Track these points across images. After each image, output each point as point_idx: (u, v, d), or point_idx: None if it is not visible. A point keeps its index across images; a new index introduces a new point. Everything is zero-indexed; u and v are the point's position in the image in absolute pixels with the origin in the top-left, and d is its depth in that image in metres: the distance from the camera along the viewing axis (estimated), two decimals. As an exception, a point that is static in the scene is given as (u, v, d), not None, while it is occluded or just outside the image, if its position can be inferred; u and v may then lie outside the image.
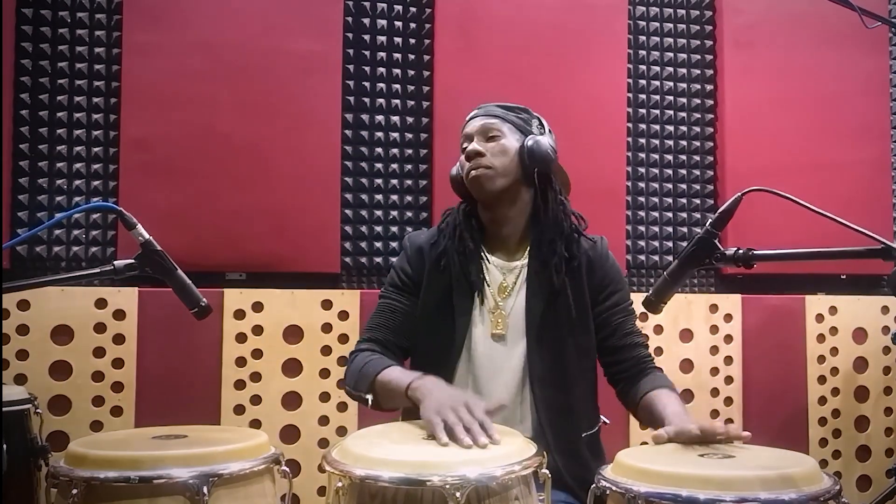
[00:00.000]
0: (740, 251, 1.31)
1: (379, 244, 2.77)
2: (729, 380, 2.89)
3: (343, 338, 2.58)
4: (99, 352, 2.41)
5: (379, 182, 2.79)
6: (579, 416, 1.66)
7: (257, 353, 2.52)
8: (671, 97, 3.06)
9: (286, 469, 1.42)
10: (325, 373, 2.57)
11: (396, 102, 2.81)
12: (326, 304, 2.59)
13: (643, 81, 3.03)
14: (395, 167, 2.80)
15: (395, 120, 2.81)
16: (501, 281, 1.68)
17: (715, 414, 2.86)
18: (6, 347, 2.31)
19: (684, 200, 3.05)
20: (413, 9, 2.85)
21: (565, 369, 1.64)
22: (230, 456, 1.32)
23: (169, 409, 2.41)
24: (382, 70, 2.81)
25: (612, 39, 2.94)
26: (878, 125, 3.14)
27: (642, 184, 3.01)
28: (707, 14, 3.10)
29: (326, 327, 2.58)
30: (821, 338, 2.97)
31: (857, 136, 3.09)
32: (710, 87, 3.09)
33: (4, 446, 1.62)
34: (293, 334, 2.56)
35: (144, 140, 2.52)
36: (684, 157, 3.06)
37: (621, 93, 2.95)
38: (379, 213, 2.78)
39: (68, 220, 2.53)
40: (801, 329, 2.96)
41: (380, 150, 2.79)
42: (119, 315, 2.43)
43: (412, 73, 2.83)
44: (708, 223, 1.34)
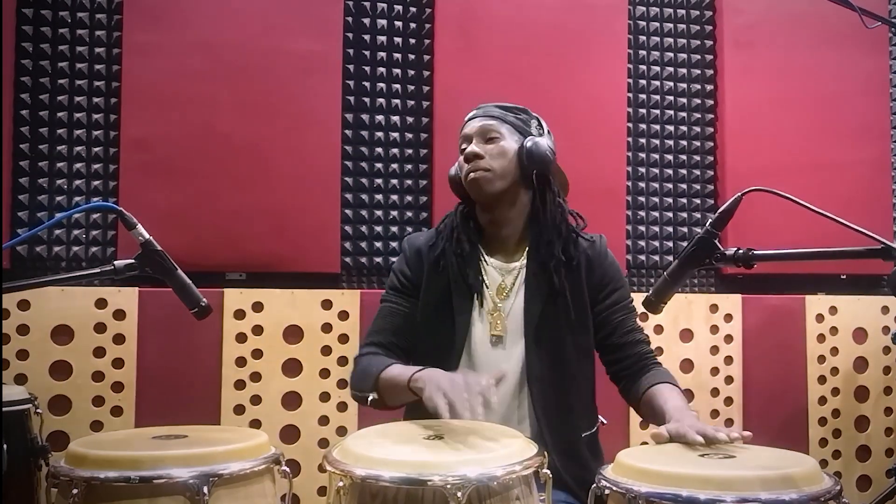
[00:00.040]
0: (740, 251, 1.32)
1: (379, 244, 2.77)
2: (729, 380, 2.89)
3: (343, 338, 2.58)
4: (99, 352, 2.41)
5: (379, 182, 2.79)
6: (578, 417, 1.66)
7: (257, 353, 2.52)
8: (671, 97, 3.06)
9: (286, 469, 1.42)
10: (325, 373, 2.57)
11: (396, 102, 2.81)
12: (326, 304, 2.59)
13: (643, 81, 3.03)
14: (395, 167, 2.80)
15: (395, 120, 2.81)
16: (500, 282, 1.68)
17: (715, 414, 2.86)
18: (6, 347, 2.31)
19: (684, 200, 3.05)
20: (413, 9, 2.84)
21: (564, 370, 1.64)
22: (230, 456, 1.32)
23: (169, 409, 2.41)
24: (382, 70, 2.81)
25: (612, 39, 2.94)
26: (878, 125, 3.14)
27: (642, 184, 3.01)
28: (707, 14, 3.10)
29: (326, 327, 2.58)
30: (821, 338, 2.97)
31: (857, 136, 3.09)
32: (710, 87, 3.09)
33: (4, 446, 1.62)
34: (293, 334, 2.56)
35: (144, 140, 2.52)
36: (684, 157, 3.06)
37: (621, 93, 2.95)
38: (379, 213, 2.78)
39: (68, 220, 2.53)
40: (801, 329, 2.96)
41: (380, 150, 2.79)
42: (119, 315, 2.43)
43: (412, 73, 2.83)
44: (708, 223, 1.34)
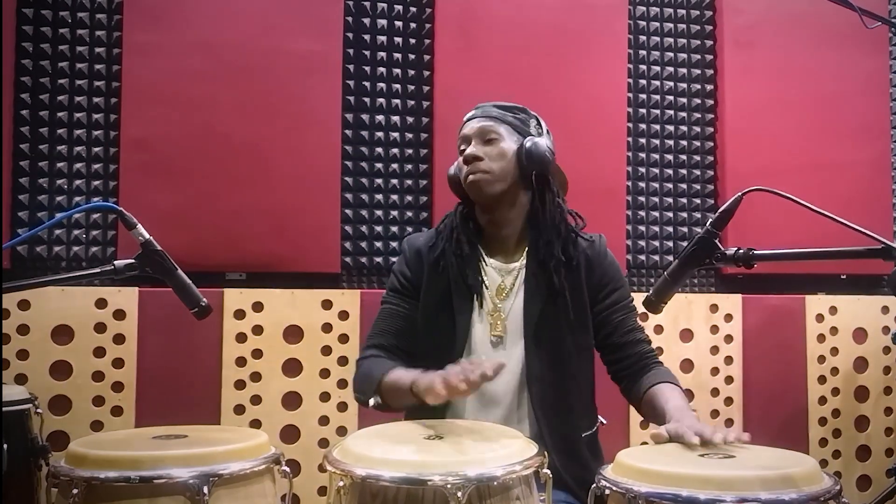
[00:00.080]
0: (740, 251, 1.32)
1: (379, 244, 2.77)
2: (729, 380, 2.89)
3: (343, 338, 2.58)
4: (99, 352, 2.41)
5: (379, 182, 2.79)
6: (578, 417, 1.66)
7: (257, 353, 2.52)
8: (671, 97, 3.05)
9: (286, 469, 1.43)
10: (325, 373, 2.57)
11: (396, 102, 2.81)
12: (326, 304, 2.59)
13: (643, 81, 3.03)
14: (395, 167, 2.80)
15: (395, 120, 2.81)
16: (500, 283, 1.68)
17: (715, 414, 2.86)
18: (6, 347, 2.31)
19: (684, 200, 3.05)
20: (413, 9, 2.84)
21: (564, 370, 1.64)
22: (230, 456, 1.33)
23: (169, 409, 2.41)
24: (382, 70, 2.81)
25: (612, 39, 2.94)
26: (878, 125, 3.14)
27: (642, 184, 3.01)
28: (707, 14, 3.10)
29: (326, 327, 2.58)
30: (821, 338, 2.97)
31: (857, 136, 3.09)
32: (710, 87, 3.09)
33: (5, 446, 1.62)
34: (293, 334, 2.56)
35: (144, 140, 2.52)
36: (684, 157, 3.06)
37: (621, 93, 2.95)
38: (379, 213, 2.78)
39: (68, 220, 2.53)
40: (801, 329, 2.96)
41: (380, 150, 2.79)
42: (119, 315, 2.43)
43: (412, 73, 2.83)
44: (708, 223, 1.35)
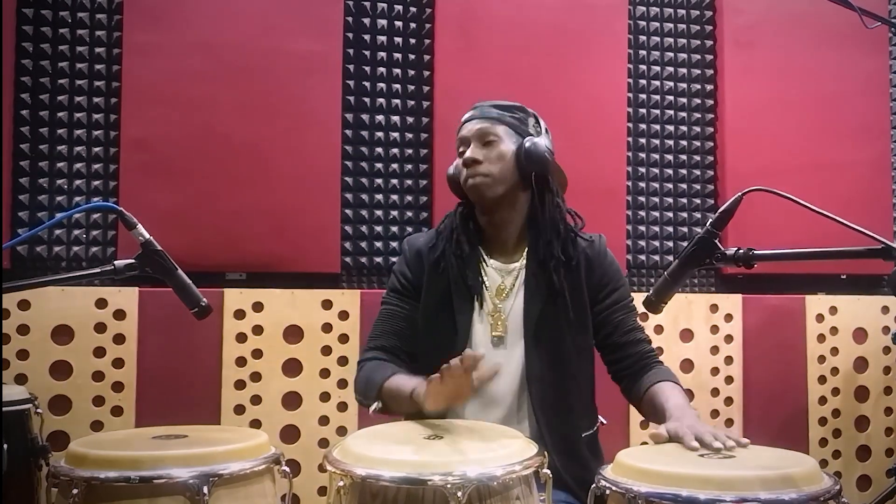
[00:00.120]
0: (740, 251, 1.32)
1: (379, 244, 2.77)
2: (729, 380, 2.89)
3: (343, 338, 2.58)
4: (99, 352, 2.41)
5: (379, 182, 2.79)
6: (578, 417, 1.66)
7: (257, 353, 2.52)
8: (671, 97, 3.05)
9: (286, 469, 1.43)
10: (325, 373, 2.57)
11: (396, 102, 2.81)
12: (326, 304, 2.58)
13: (643, 81, 3.03)
14: (395, 167, 2.80)
15: (395, 120, 2.81)
16: (500, 283, 1.68)
17: (715, 414, 2.86)
18: (6, 347, 2.31)
19: (684, 200, 3.05)
20: (413, 9, 2.84)
21: (564, 370, 1.64)
22: (230, 456, 1.33)
23: (169, 409, 2.40)
24: (382, 70, 2.80)
25: (612, 39, 2.94)
26: (878, 125, 3.14)
27: (642, 184, 3.01)
28: (707, 14, 3.10)
29: (326, 327, 2.58)
30: (821, 338, 2.97)
31: (857, 136, 3.09)
32: (710, 87, 3.09)
33: (5, 446, 1.62)
34: (293, 334, 2.56)
35: (144, 140, 2.52)
36: (684, 157, 3.06)
37: (621, 93, 2.95)
38: (379, 213, 2.78)
39: (68, 220, 2.53)
40: (801, 329, 2.96)
41: (380, 150, 2.79)
42: (119, 315, 2.43)
43: (412, 73, 2.83)
44: (708, 223, 1.35)
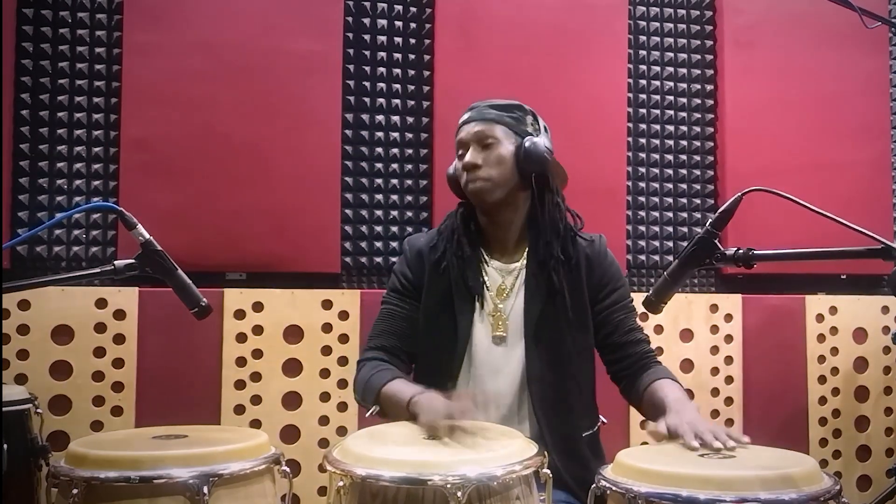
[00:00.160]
0: (740, 251, 1.32)
1: (379, 244, 2.77)
2: (729, 380, 2.89)
3: (343, 338, 2.58)
4: (99, 352, 2.41)
5: (379, 182, 2.78)
6: (578, 417, 1.66)
7: (257, 353, 2.52)
8: (671, 97, 3.05)
9: (286, 469, 1.43)
10: (325, 373, 2.57)
11: (396, 102, 2.81)
12: (326, 304, 2.58)
13: (643, 81, 3.03)
14: (395, 167, 2.80)
15: (395, 120, 2.81)
16: (500, 283, 1.68)
17: (715, 414, 2.86)
18: (6, 347, 2.31)
19: (684, 200, 3.05)
20: (413, 9, 2.84)
21: (564, 370, 1.64)
22: (230, 456, 1.33)
23: (169, 409, 2.40)
24: (382, 70, 2.80)
25: (612, 39, 2.94)
26: (878, 125, 3.14)
27: (642, 184, 3.01)
28: (707, 14, 3.10)
29: (326, 327, 2.58)
30: (821, 338, 2.97)
31: (857, 136, 3.09)
32: (710, 87, 3.09)
33: (5, 446, 1.62)
34: (293, 334, 2.56)
35: (144, 140, 2.52)
36: (684, 157, 3.06)
37: (621, 93, 2.95)
38: (379, 213, 2.78)
39: (68, 220, 2.53)
40: (801, 329, 2.96)
41: (380, 150, 2.79)
42: (119, 315, 2.43)
43: (412, 73, 2.83)
44: (708, 223, 1.35)
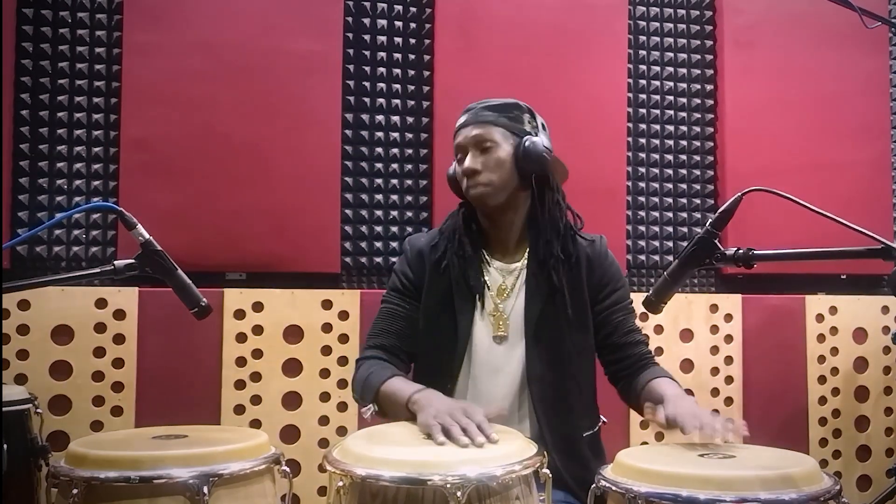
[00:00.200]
0: (740, 251, 1.32)
1: (379, 244, 2.77)
2: (729, 380, 2.89)
3: (343, 338, 2.58)
4: (99, 352, 2.41)
5: (379, 182, 2.79)
6: (579, 416, 1.66)
7: (257, 353, 2.52)
8: (671, 97, 3.05)
9: (286, 469, 1.43)
10: (325, 373, 2.57)
11: (396, 102, 2.81)
12: (326, 304, 2.58)
13: (643, 81, 3.03)
14: (395, 167, 2.80)
15: (395, 120, 2.81)
16: (500, 283, 1.68)
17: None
18: (6, 347, 2.31)
19: (684, 200, 3.05)
20: (413, 9, 2.84)
21: (564, 370, 1.64)
22: (230, 456, 1.33)
23: (169, 409, 2.40)
24: (382, 70, 2.81)
25: (612, 39, 2.94)
26: (878, 125, 3.14)
27: (642, 184, 3.01)
28: (707, 14, 3.10)
29: (326, 327, 2.58)
30: (821, 338, 2.97)
31: (857, 136, 3.09)
32: (710, 87, 3.09)
33: (5, 446, 1.62)
34: (293, 334, 2.56)
35: (144, 140, 2.52)
36: (684, 157, 3.06)
37: (621, 93, 2.95)
38: (379, 213, 2.78)
39: (68, 220, 2.53)
40: (801, 329, 2.96)
41: (380, 150, 2.79)
42: (119, 315, 2.43)
43: (412, 73, 2.83)
44: (708, 223, 1.35)
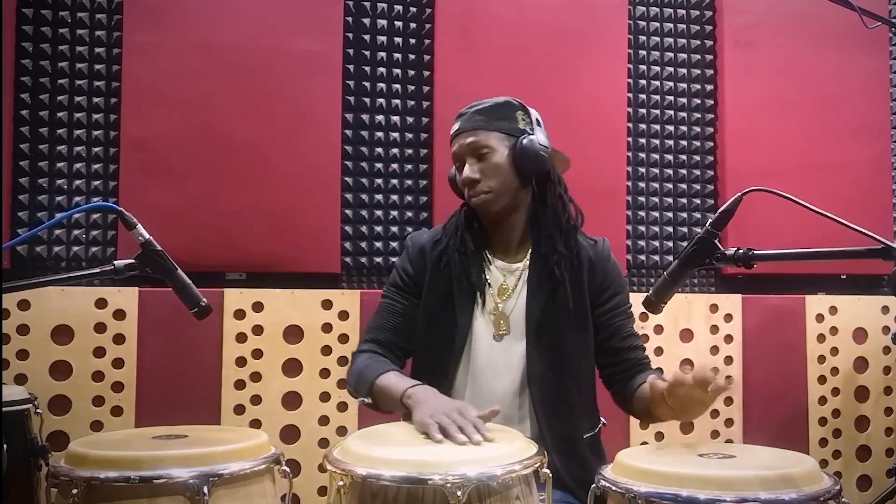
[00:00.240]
0: (740, 251, 1.32)
1: (379, 244, 2.77)
2: (729, 379, 2.89)
3: (343, 338, 2.58)
4: (99, 352, 2.41)
5: (379, 182, 2.79)
6: (579, 417, 1.66)
7: (257, 353, 2.52)
8: (671, 97, 3.05)
9: (286, 469, 1.43)
10: (325, 373, 2.57)
11: (396, 102, 2.81)
12: (326, 304, 2.58)
13: (643, 81, 3.03)
14: (395, 167, 2.80)
15: (395, 120, 2.81)
16: (502, 282, 1.68)
17: (715, 414, 2.86)
18: (6, 347, 2.31)
19: (684, 200, 3.05)
20: (413, 9, 2.84)
21: (564, 370, 1.64)
22: (230, 456, 1.33)
23: (169, 409, 2.40)
24: (382, 70, 2.80)
25: (612, 39, 2.94)
26: (878, 125, 3.14)
27: (642, 184, 3.01)
28: (707, 14, 3.10)
29: (326, 327, 2.58)
30: (821, 338, 2.97)
31: (857, 136, 3.08)
32: (710, 87, 3.09)
33: (5, 446, 1.62)
34: (293, 334, 2.56)
35: (144, 140, 2.52)
36: (684, 157, 3.06)
37: (621, 93, 2.95)
38: (379, 213, 2.78)
39: (68, 220, 2.53)
40: (801, 329, 2.96)
41: (380, 150, 2.79)
42: (119, 315, 2.43)
43: (412, 73, 2.83)
44: (708, 223, 1.35)
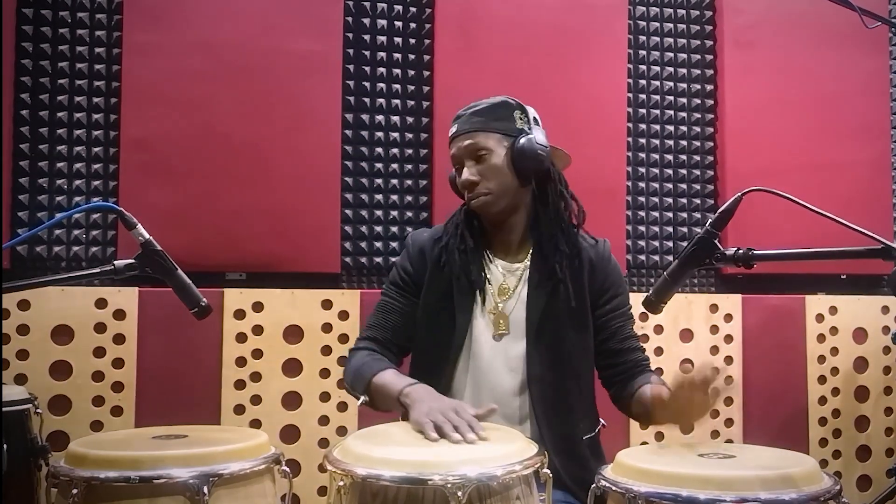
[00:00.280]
0: (740, 251, 1.32)
1: (379, 244, 2.77)
2: (729, 380, 2.89)
3: (343, 338, 2.58)
4: (99, 352, 2.41)
5: (379, 182, 2.79)
6: (578, 417, 1.66)
7: (257, 353, 2.52)
8: (671, 97, 3.05)
9: (286, 469, 1.43)
10: (325, 373, 2.57)
11: (396, 102, 2.81)
12: (326, 304, 2.58)
13: (643, 81, 3.03)
14: (395, 167, 2.80)
15: (395, 120, 2.81)
16: (502, 282, 1.68)
17: (715, 414, 2.86)
18: (6, 347, 2.31)
19: (684, 200, 3.05)
20: (413, 9, 2.84)
21: (564, 370, 1.64)
22: (230, 456, 1.33)
23: (169, 409, 2.40)
24: (382, 70, 2.81)
25: (612, 39, 2.94)
26: (878, 125, 3.14)
27: (642, 184, 3.01)
28: (707, 14, 3.10)
29: (326, 327, 2.58)
30: (821, 338, 2.97)
31: (857, 136, 3.08)
32: (710, 87, 3.09)
33: (4, 446, 1.62)
34: (293, 334, 2.56)
35: (144, 140, 2.52)
36: (684, 157, 3.06)
37: (621, 93, 2.95)
38: (379, 213, 2.78)
39: (68, 220, 2.53)
40: (801, 329, 2.96)
41: (380, 150, 2.79)
42: (119, 315, 2.43)
43: (412, 73, 2.83)
44: (708, 223, 1.35)
